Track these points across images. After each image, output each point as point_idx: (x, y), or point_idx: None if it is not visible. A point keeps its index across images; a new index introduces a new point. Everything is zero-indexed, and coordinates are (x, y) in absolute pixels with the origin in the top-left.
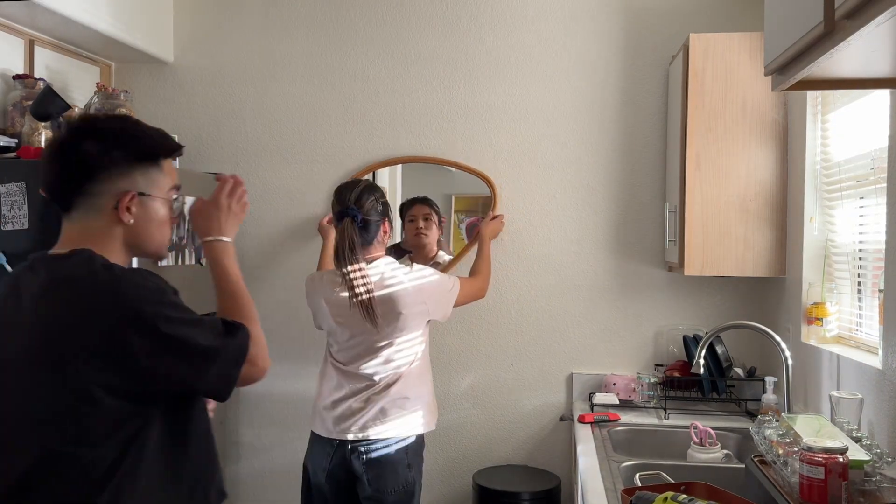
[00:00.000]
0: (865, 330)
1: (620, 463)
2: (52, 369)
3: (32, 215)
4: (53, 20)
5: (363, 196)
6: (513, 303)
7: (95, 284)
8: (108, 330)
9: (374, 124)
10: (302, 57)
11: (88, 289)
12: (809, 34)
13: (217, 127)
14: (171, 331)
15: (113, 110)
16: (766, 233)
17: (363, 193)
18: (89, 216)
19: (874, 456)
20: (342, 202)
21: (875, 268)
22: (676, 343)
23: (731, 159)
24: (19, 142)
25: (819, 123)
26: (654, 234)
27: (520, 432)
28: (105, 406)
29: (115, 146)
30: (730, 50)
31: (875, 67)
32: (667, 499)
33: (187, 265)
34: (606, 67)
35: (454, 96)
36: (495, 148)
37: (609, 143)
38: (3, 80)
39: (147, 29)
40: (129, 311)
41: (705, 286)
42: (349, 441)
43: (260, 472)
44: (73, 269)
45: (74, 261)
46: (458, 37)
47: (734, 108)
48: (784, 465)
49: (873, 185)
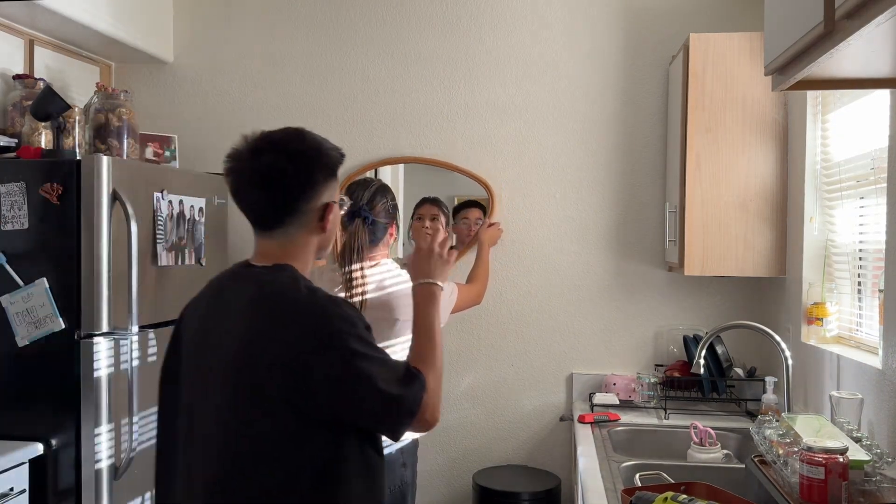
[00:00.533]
0: (865, 330)
1: (620, 463)
2: (249, 376)
3: (32, 215)
4: (53, 20)
5: (376, 197)
6: (513, 303)
7: (298, 303)
8: (299, 348)
9: (374, 124)
10: (302, 57)
11: (291, 307)
12: (809, 34)
13: (217, 127)
14: (357, 364)
15: (113, 110)
16: (766, 233)
17: (376, 195)
18: (294, 230)
19: (874, 456)
20: (354, 201)
21: (875, 268)
22: (676, 343)
23: (731, 159)
24: (19, 142)
25: (819, 123)
26: (654, 234)
27: (520, 432)
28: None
29: (316, 168)
30: (730, 50)
31: (875, 67)
32: (667, 499)
33: (187, 265)
34: (606, 68)
35: (454, 96)
36: (495, 148)
37: (609, 143)
38: (3, 80)
39: (147, 29)
40: (324, 336)
41: (705, 286)
42: None
43: None
44: (282, 287)
45: (282, 279)
46: (458, 37)
47: (734, 108)
48: (784, 466)
49: (873, 185)
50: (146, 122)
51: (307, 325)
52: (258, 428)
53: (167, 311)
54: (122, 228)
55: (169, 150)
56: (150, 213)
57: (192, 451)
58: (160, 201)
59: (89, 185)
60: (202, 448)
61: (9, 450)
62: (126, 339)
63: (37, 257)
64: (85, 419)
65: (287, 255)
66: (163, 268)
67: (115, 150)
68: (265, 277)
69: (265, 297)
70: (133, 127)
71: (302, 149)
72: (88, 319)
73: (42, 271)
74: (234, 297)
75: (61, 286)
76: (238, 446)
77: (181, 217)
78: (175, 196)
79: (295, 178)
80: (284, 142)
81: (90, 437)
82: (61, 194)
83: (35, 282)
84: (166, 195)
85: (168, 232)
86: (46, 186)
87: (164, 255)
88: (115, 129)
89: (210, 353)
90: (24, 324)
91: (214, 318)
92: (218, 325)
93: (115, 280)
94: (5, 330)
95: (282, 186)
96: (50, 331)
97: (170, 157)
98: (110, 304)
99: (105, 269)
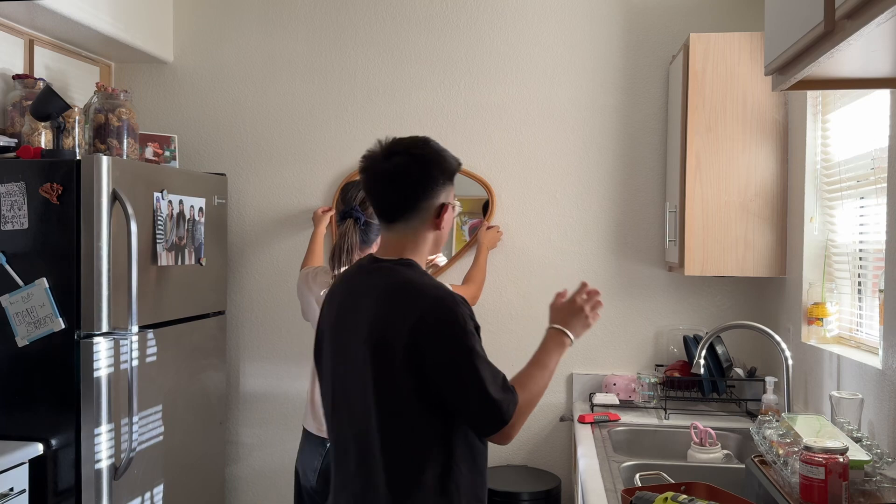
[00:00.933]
0: (865, 330)
1: (620, 463)
2: (380, 354)
3: (32, 215)
4: (53, 20)
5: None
6: (513, 302)
7: (424, 294)
8: (420, 332)
9: (373, 124)
10: (302, 57)
11: (418, 296)
12: (810, 34)
13: (217, 127)
14: (469, 359)
15: (113, 110)
16: (767, 233)
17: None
18: (413, 226)
19: (874, 456)
20: (347, 202)
21: (875, 268)
22: (676, 343)
23: (731, 159)
24: (19, 142)
25: (819, 123)
26: (654, 234)
27: (520, 432)
28: (406, 393)
29: (436, 171)
30: (730, 50)
31: (875, 67)
32: (667, 499)
33: (187, 265)
34: (606, 67)
35: (454, 96)
36: (495, 148)
37: (609, 143)
38: (3, 80)
39: (147, 29)
40: (443, 326)
41: (705, 286)
42: None
43: (259, 472)
44: (410, 278)
45: (409, 272)
46: (458, 37)
47: (734, 108)
48: (784, 466)
49: (873, 185)
50: (146, 122)
51: (430, 313)
52: (388, 399)
53: (167, 311)
54: (122, 228)
55: (169, 150)
56: (150, 212)
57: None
58: (160, 201)
59: (89, 185)
60: (349, 409)
61: (9, 450)
62: (126, 338)
63: (37, 257)
64: (85, 419)
65: (405, 247)
66: (163, 268)
67: (115, 150)
68: (395, 269)
69: (395, 287)
70: (133, 127)
71: (425, 153)
72: (88, 319)
73: (42, 271)
74: (366, 286)
75: (61, 286)
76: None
77: (181, 217)
78: (175, 196)
79: (417, 178)
80: (412, 146)
81: (90, 437)
82: (61, 194)
83: (35, 282)
84: (166, 195)
85: (168, 232)
86: (46, 186)
87: (164, 254)
88: (114, 129)
89: (349, 335)
90: (24, 324)
91: (349, 304)
92: (353, 310)
93: (114, 280)
94: (5, 330)
95: (405, 184)
96: (50, 331)
97: (170, 157)
98: (110, 304)
99: (105, 268)
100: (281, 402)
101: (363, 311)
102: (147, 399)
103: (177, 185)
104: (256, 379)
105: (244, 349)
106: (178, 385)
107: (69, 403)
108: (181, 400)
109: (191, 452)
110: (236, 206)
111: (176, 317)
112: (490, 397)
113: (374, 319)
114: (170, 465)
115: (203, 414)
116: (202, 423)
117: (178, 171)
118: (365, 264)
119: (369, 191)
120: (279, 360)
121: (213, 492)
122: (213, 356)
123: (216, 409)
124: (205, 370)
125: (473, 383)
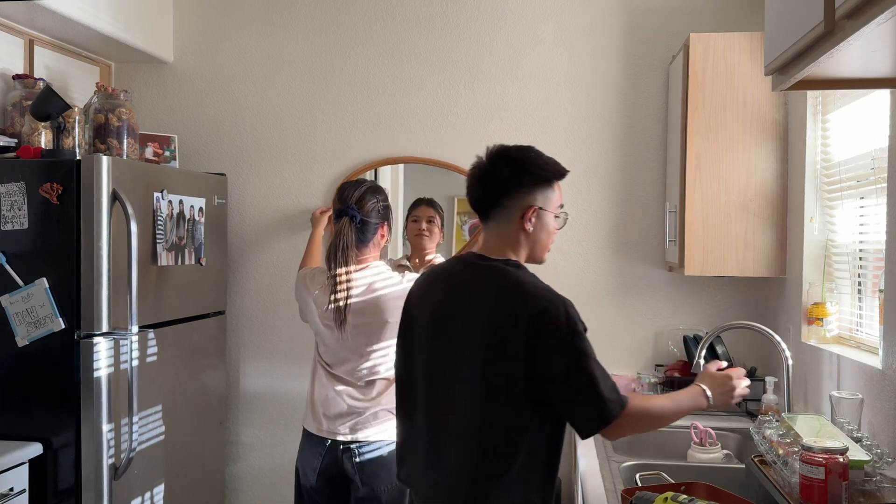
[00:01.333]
0: (865, 330)
1: (620, 463)
2: (493, 347)
3: (32, 215)
4: (53, 20)
5: (366, 197)
6: None
7: (539, 298)
8: (535, 335)
9: (374, 124)
10: (302, 57)
11: (533, 299)
12: (810, 34)
13: (217, 127)
14: (585, 362)
15: (113, 110)
16: (767, 233)
17: (366, 194)
18: (502, 224)
19: (874, 456)
20: (343, 200)
21: (875, 268)
22: (676, 343)
23: (731, 159)
24: (19, 142)
25: (819, 123)
26: (654, 234)
27: None
28: (512, 382)
29: (524, 173)
30: (730, 50)
31: (875, 67)
32: (667, 499)
33: (187, 265)
34: (606, 67)
35: (454, 96)
36: None
37: (609, 144)
38: (3, 80)
39: (147, 29)
40: (561, 331)
41: (705, 286)
42: (340, 441)
43: (259, 471)
44: (520, 279)
45: (518, 273)
46: (457, 37)
47: (734, 108)
48: (784, 465)
49: (873, 185)
50: (146, 122)
51: (545, 314)
52: (496, 391)
53: (167, 311)
54: (121, 228)
55: (169, 150)
56: (150, 212)
57: (437, 398)
58: (160, 201)
59: (89, 185)
60: (447, 396)
61: (9, 450)
62: (126, 338)
63: (37, 257)
64: (85, 419)
65: (505, 247)
66: (163, 268)
67: (115, 150)
68: (504, 269)
69: (509, 286)
70: (133, 127)
71: (518, 156)
72: (88, 319)
73: (42, 271)
74: (476, 282)
75: (61, 286)
76: (482, 398)
77: (181, 217)
78: (175, 196)
79: (502, 178)
80: (508, 150)
81: (90, 437)
82: (61, 194)
83: (35, 282)
84: (166, 195)
85: (168, 232)
86: (46, 186)
87: (164, 254)
88: (114, 129)
89: (457, 328)
90: (24, 324)
91: (457, 299)
92: (462, 305)
93: (114, 280)
94: (5, 330)
95: (491, 182)
96: (50, 331)
97: (170, 157)
98: (110, 303)
99: (105, 268)
100: (281, 402)
101: (475, 306)
102: (147, 399)
103: (177, 185)
104: (256, 379)
105: (244, 349)
106: (178, 385)
107: (69, 403)
108: (181, 400)
109: (191, 452)
110: (236, 206)
111: (176, 317)
112: (599, 395)
113: (488, 316)
114: (170, 465)
115: (203, 414)
116: (202, 423)
117: (178, 171)
118: (471, 261)
119: (466, 190)
120: (279, 360)
121: (213, 492)
122: (213, 356)
123: (216, 409)
124: (205, 370)
125: (583, 382)
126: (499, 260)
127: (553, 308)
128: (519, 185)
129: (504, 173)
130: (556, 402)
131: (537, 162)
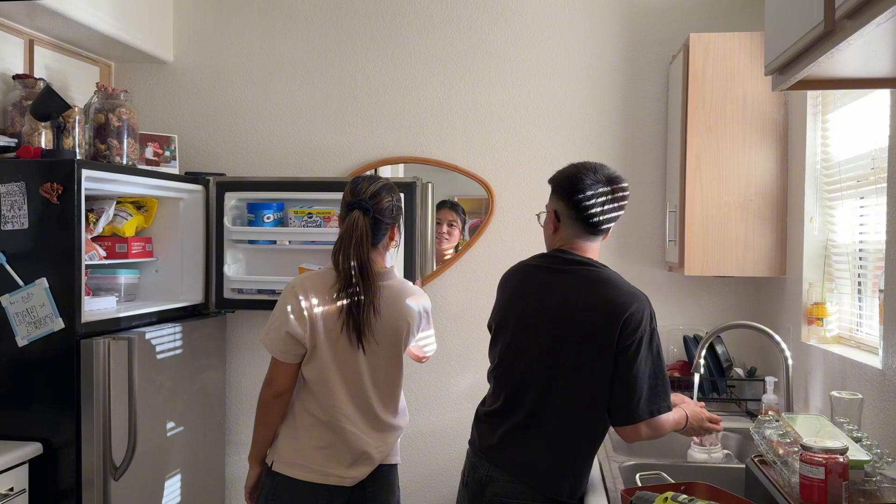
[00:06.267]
0: (865, 330)
1: (620, 463)
2: (569, 335)
3: (32, 215)
4: (53, 20)
5: (381, 193)
6: None
7: (623, 293)
8: (625, 328)
9: (374, 124)
10: (302, 57)
11: (626, 295)
12: (810, 34)
13: (217, 127)
14: (654, 364)
15: (113, 110)
16: (767, 233)
17: (382, 190)
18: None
19: (874, 456)
20: (356, 193)
21: (875, 268)
22: (676, 343)
23: (731, 159)
24: (19, 142)
25: (819, 123)
26: (654, 234)
27: None
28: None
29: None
30: (730, 50)
31: (875, 67)
32: (667, 499)
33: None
34: (606, 67)
35: (454, 96)
36: (495, 147)
37: (609, 143)
38: (3, 80)
39: (147, 29)
40: (645, 326)
41: (705, 286)
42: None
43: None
44: (604, 276)
45: (604, 272)
46: (458, 37)
47: (734, 107)
48: (784, 465)
49: (873, 184)
50: (146, 122)
51: (637, 311)
52: (585, 375)
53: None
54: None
55: (169, 150)
56: None
57: (513, 378)
58: None
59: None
60: (524, 377)
61: (9, 450)
62: (126, 338)
63: (37, 257)
64: (85, 419)
65: (586, 248)
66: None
67: (115, 150)
68: (587, 267)
69: (592, 282)
70: (133, 127)
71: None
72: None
73: (42, 271)
74: (558, 276)
75: (61, 286)
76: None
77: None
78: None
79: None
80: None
81: (90, 437)
82: (61, 194)
83: (35, 282)
84: None
85: None
86: (46, 186)
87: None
88: (115, 129)
89: (539, 316)
90: (24, 323)
91: (542, 289)
92: (545, 294)
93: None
94: (5, 330)
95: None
96: (50, 330)
97: (170, 157)
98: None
99: None
100: None
101: (556, 297)
102: (147, 399)
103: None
104: (256, 379)
105: (244, 349)
106: (178, 385)
107: (69, 403)
108: (181, 400)
109: (191, 452)
110: None
111: (176, 316)
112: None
113: (565, 307)
114: (170, 465)
115: (203, 414)
116: (202, 423)
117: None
118: (557, 255)
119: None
120: None
121: (213, 492)
122: (213, 356)
123: (216, 408)
124: (205, 370)
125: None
126: (581, 258)
127: (642, 306)
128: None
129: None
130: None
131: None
